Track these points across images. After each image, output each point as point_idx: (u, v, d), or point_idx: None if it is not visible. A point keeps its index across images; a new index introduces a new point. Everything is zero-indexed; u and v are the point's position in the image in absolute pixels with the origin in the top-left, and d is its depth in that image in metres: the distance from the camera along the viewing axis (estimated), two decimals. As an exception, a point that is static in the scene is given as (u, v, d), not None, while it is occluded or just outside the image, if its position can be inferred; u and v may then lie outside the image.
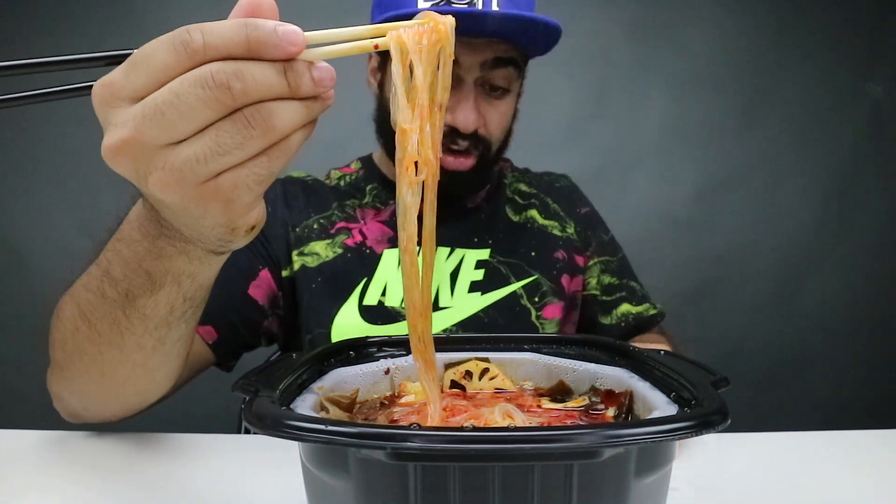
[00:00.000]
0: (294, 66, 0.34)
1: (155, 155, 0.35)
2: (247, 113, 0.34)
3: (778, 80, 1.92)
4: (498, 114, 0.87)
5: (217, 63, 0.33)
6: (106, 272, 0.52)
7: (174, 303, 0.51)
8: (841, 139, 1.94)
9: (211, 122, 0.34)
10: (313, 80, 0.35)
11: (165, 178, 0.35)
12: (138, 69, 0.34)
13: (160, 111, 0.33)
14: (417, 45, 0.37)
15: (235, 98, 0.33)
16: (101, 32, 1.76)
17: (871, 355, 1.96)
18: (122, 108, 0.35)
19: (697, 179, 1.93)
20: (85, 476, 0.61)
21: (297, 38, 0.34)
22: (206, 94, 0.33)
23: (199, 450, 0.67)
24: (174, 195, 0.36)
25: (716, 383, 0.38)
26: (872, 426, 0.74)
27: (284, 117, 0.35)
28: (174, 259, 0.47)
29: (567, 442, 0.30)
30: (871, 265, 1.96)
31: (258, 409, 0.33)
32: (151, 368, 0.58)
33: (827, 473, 0.63)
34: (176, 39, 0.33)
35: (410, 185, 0.38)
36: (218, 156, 0.34)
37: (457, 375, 0.51)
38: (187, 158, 0.34)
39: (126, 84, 0.34)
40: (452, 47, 0.38)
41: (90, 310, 0.54)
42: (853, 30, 1.91)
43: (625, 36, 1.88)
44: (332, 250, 0.89)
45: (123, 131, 0.34)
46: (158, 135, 0.34)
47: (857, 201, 1.95)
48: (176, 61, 0.33)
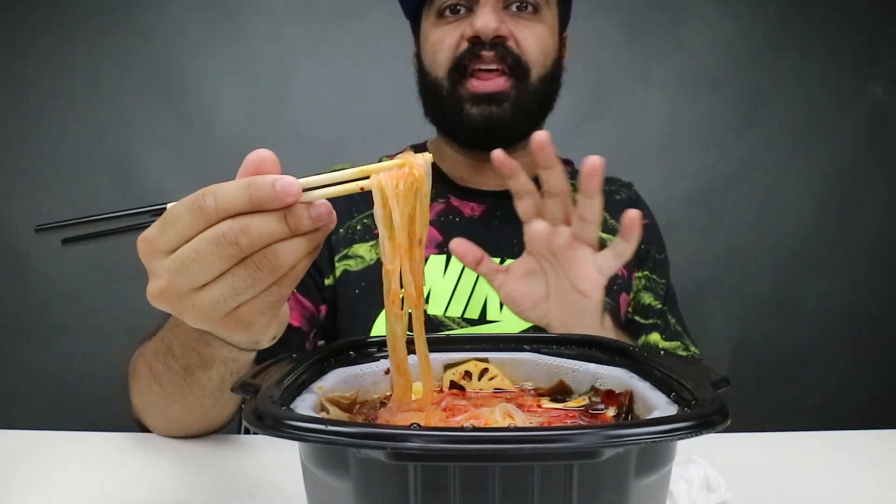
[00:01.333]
0: (293, 210, 0.40)
1: (185, 298, 0.42)
2: (255, 259, 0.40)
3: (778, 80, 1.92)
4: (530, 33, 0.83)
5: (227, 222, 0.40)
6: (168, 348, 0.61)
7: (224, 376, 0.59)
8: (841, 139, 1.94)
9: (227, 269, 0.40)
10: (311, 218, 0.40)
11: (195, 315, 0.42)
12: (167, 228, 0.41)
13: (185, 265, 0.40)
14: (395, 190, 0.42)
15: (243, 250, 0.40)
16: (99, 33, 1.76)
17: (870, 355, 1.96)
18: (159, 260, 0.42)
19: (697, 179, 1.92)
20: (85, 476, 0.61)
21: (292, 189, 0.39)
22: (219, 251, 0.39)
23: (199, 450, 0.67)
24: (204, 326, 0.44)
25: (716, 383, 0.38)
26: (872, 426, 0.74)
27: (288, 255, 0.41)
28: (219, 349, 0.55)
29: (567, 442, 0.30)
30: (871, 265, 1.96)
31: (258, 409, 0.33)
32: (212, 417, 0.68)
33: (827, 473, 0.63)
34: (194, 204, 0.40)
35: (397, 318, 0.43)
36: (234, 296, 0.41)
37: (456, 376, 0.51)
38: (210, 300, 0.41)
39: (160, 241, 0.42)
40: (428, 186, 0.43)
41: (159, 375, 0.63)
42: (853, 30, 1.91)
43: (625, 36, 1.88)
44: (375, 252, 0.87)
45: (161, 282, 0.42)
46: (185, 283, 0.41)
47: (857, 201, 1.95)
48: (195, 222, 0.40)
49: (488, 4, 0.81)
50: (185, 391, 0.62)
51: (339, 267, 0.87)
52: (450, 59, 0.83)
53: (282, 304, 0.44)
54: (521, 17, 0.83)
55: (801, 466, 0.65)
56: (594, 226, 0.65)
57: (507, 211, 0.89)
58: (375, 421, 0.44)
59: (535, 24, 0.84)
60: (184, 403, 0.64)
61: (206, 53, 1.77)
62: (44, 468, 0.63)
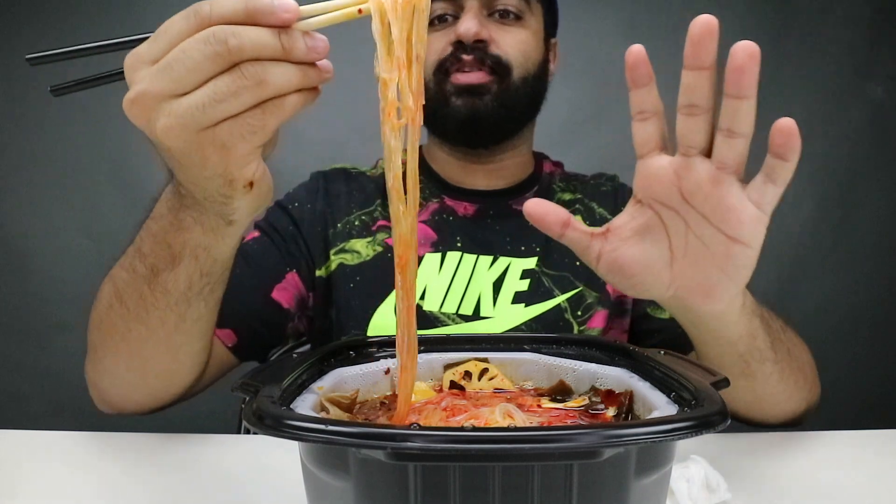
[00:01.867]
0: (289, 31, 0.39)
1: (162, 104, 0.40)
2: (242, 66, 0.39)
3: (778, 79, 1.92)
4: (511, 38, 0.86)
5: (219, 25, 0.39)
6: (138, 248, 0.58)
7: (192, 277, 0.57)
8: (841, 139, 1.94)
9: (212, 76, 0.39)
10: (307, 46, 0.40)
11: (170, 123, 0.41)
12: (158, 38, 0.41)
13: (169, 66, 0.39)
14: (393, 4, 0.42)
15: (231, 52, 0.38)
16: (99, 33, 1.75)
17: (870, 355, 1.96)
18: (143, 69, 0.41)
19: (697, 179, 1.92)
20: (85, 476, 0.61)
21: (290, 7, 0.39)
22: (207, 49, 0.38)
23: (199, 450, 0.67)
24: (177, 140, 0.41)
25: (716, 383, 0.38)
26: (872, 426, 0.74)
27: (277, 74, 0.39)
28: (191, 230, 0.53)
29: (567, 442, 0.30)
30: (871, 265, 1.96)
31: (258, 409, 0.33)
32: (174, 346, 0.63)
33: (826, 473, 0.63)
34: (189, 11, 0.40)
35: (393, 129, 0.42)
36: (215, 103, 0.39)
37: (456, 376, 0.51)
38: (189, 106, 0.40)
39: (148, 51, 0.41)
40: (427, 2, 0.42)
41: (123, 286, 0.60)
42: (853, 30, 1.91)
43: (624, 36, 1.88)
44: (372, 248, 0.88)
45: (140, 85, 0.41)
46: (166, 86, 0.40)
47: (857, 201, 1.95)
48: (187, 27, 0.39)
49: (471, 11, 0.85)
50: (147, 302, 0.58)
51: (334, 260, 0.88)
52: (434, 62, 0.86)
53: (265, 137, 0.42)
54: (504, 23, 0.86)
55: (801, 466, 0.65)
56: (745, 141, 0.50)
57: (500, 209, 0.93)
58: (376, 420, 0.44)
59: (518, 29, 0.87)
60: (146, 321, 0.60)
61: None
62: (44, 468, 0.63)
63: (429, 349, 0.52)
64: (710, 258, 0.51)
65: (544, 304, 0.87)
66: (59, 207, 1.77)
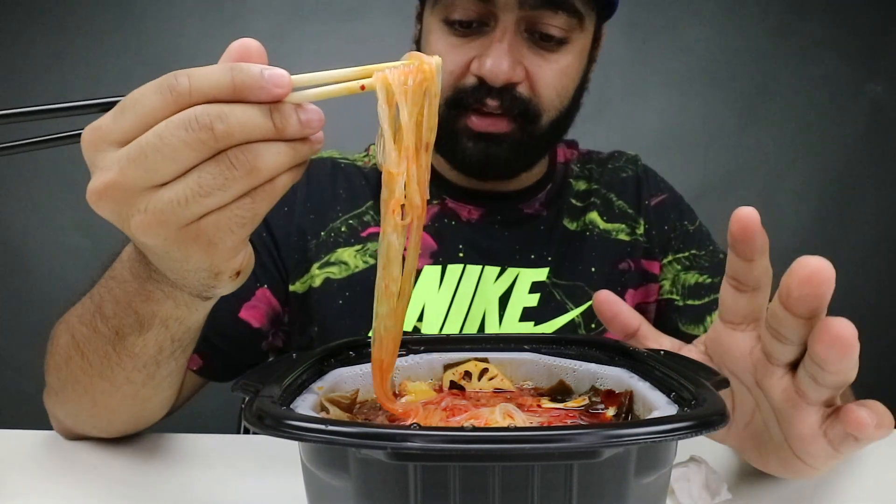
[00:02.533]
0: (281, 107, 0.35)
1: (137, 198, 0.35)
2: (230, 154, 0.34)
3: (778, 79, 1.92)
4: (551, 70, 0.71)
5: (202, 106, 0.34)
6: (98, 307, 0.52)
7: (162, 343, 0.52)
8: (841, 139, 1.94)
9: (194, 165, 0.34)
10: (300, 121, 0.35)
11: (147, 220, 0.35)
12: (126, 113, 0.35)
13: (144, 153, 0.34)
14: (402, 86, 0.37)
15: (218, 139, 0.33)
16: (102, 32, 1.76)
17: (870, 355, 1.95)
18: (109, 151, 0.35)
19: (697, 179, 1.92)
20: (84, 476, 0.61)
21: (283, 81, 0.35)
22: (189, 136, 0.33)
23: (198, 450, 0.67)
24: (156, 238, 0.36)
25: (716, 384, 0.38)
26: (872, 426, 0.74)
27: (269, 159, 0.35)
28: (161, 303, 0.47)
29: (567, 442, 0.30)
30: (871, 265, 1.96)
31: (258, 409, 0.33)
32: (142, 399, 0.59)
33: (826, 473, 0.63)
34: (163, 84, 0.34)
35: (396, 228, 0.38)
36: (200, 197, 0.34)
37: (455, 376, 0.51)
38: (169, 201, 0.34)
39: (114, 128, 0.35)
40: (438, 86, 0.38)
41: (83, 342, 0.55)
42: (853, 30, 1.91)
43: (624, 36, 1.88)
44: (362, 259, 0.78)
45: (108, 174, 0.35)
46: (141, 177, 0.34)
47: (857, 201, 1.95)
48: (162, 105, 0.34)
49: (505, 39, 0.68)
50: (112, 362, 0.53)
51: (318, 275, 0.77)
52: (451, 87, 0.72)
53: (254, 226, 0.37)
54: (543, 49, 0.70)
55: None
56: (830, 392, 0.41)
57: (508, 214, 0.82)
58: (376, 420, 0.44)
59: (559, 55, 0.71)
60: (110, 379, 0.54)
61: (206, 53, 1.77)
62: (43, 468, 0.63)
63: (429, 349, 0.51)
64: (771, 448, 0.46)
65: (556, 321, 0.78)
66: (59, 207, 1.77)
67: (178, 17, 1.77)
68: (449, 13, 0.71)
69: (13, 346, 1.78)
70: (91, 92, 0.51)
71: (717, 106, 1.92)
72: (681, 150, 1.92)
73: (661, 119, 1.91)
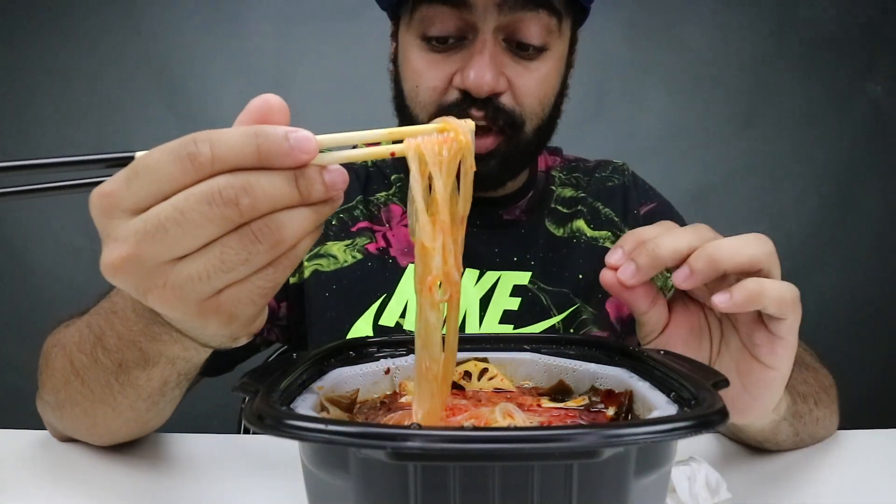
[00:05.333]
0: (305, 172, 0.33)
1: (155, 272, 0.33)
2: (254, 227, 0.32)
3: (778, 79, 1.92)
4: (532, 79, 0.70)
5: (225, 177, 0.32)
6: (99, 339, 0.51)
7: (167, 378, 0.51)
8: (840, 139, 1.94)
9: (216, 238, 0.32)
10: (325, 184, 0.34)
11: (166, 295, 0.34)
12: (141, 180, 0.32)
13: (163, 228, 0.32)
14: (437, 157, 0.36)
15: (243, 214, 0.32)
16: (102, 32, 1.76)
17: (870, 355, 1.96)
18: (122, 220, 0.33)
19: (697, 179, 1.93)
20: (84, 476, 0.61)
21: (309, 146, 0.33)
22: (212, 212, 0.31)
23: (198, 450, 0.67)
24: (175, 312, 0.35)
25: (716, 383, 0.38)
26: (872, 426, 0.74)
27: (293, 227, 0.33)
28: (169, 345, 0.46)
29: (567, 442, 0.30)
30: (871, 265, 1.96)
31: (258, 409, 0.33)
32: (144, 422, 0.59)
33: (827, 473, 0.63)
34: (182, 151, 0.32)
35: (433, 307, 0.37)
36: (222, 273, 0.33)
37: (456, 376, 0.51)
38: (189, 276, 0.33)
39: (127, 195, 0.33)
40: (473, 157, 0.37)
41: (83, 370, 0.53)
42: (853, 30, 1.91)
43: (624, 36, 1.88)
44: (350, 254, 0.78)
45: (124, 248, 0.33)
46: (160, 252, 0.32)
47: (857, 201, 1.95)
48: (182, 174, 0.32)
49: (486, 50, 0.67)
50: (115, 391, 0.52)
51: (308, 266, 0.78)
52: (434, 103, 0.71)
53: (274, 293, 0.36)
54: (523, 58, 0.70)
55: (801, 466, 0.65)
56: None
57: (488, 220, 0.81)
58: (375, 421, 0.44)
59: (540, 63, 0.71)
60: (112, 405, 0.53)
61: (206, 53, 1.77)
62: (43, 468, 0.63)
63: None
64: (740, 369, 0.50)
65: (537, 325, 0.78)
66: (59, 207, 1.77)
67: (178, 17, 1.77)
68: (426, 29, 0.70)
69: (13, 347, 1.78)
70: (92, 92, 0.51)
71: (716, 106, 1.92)
72: (681, 150, 1.92)
73: (660, 119, 1.91)
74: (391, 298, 0.77)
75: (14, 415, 1.68)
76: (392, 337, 0.52)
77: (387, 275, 0.78)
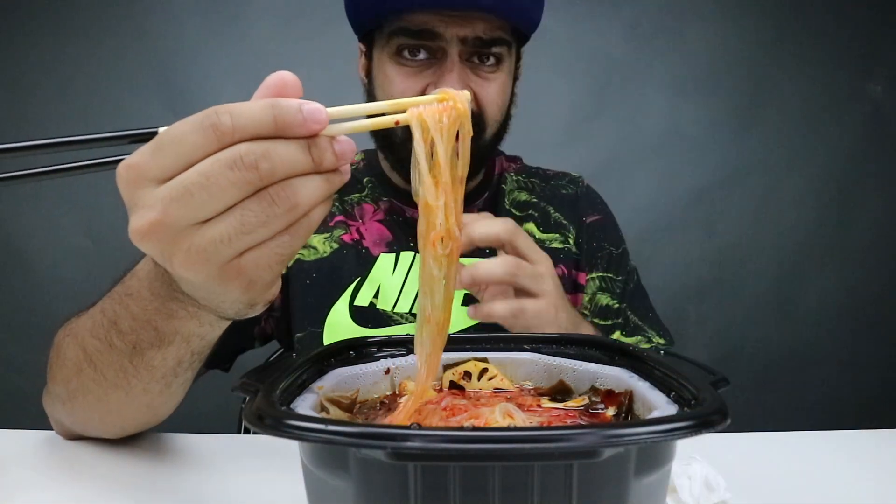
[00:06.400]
0: (317, 141, 0.36)
1: (181, 236, 0.35)
2: (272, 191, 0.35)
3: (777, 80, 1.92)
4: (491, 89, 0.82)
5: (246, 144, 0.34)
6: (113, 322, 0.53)
7: (182, 357, 0.53)
8: (840, 139, 1.94)
9: (237, 202, 0.35)
10: (335, 153, 0.36)
11: (191, 258, 0.36)
12: (166, 150, 0.35)
13: (188, 192, 0.34)
14: (438, 124, 0.39)
15: (263, 178, 0.34)
16: (102, 32, 1.76)
17: (870, 355, 1.96)
18: (149, 189, 0.35)
19: (697, 180, 1.93)
20: (85, 476, 0.61)
21: (320, 116, 0.35)
22: (235, 175, 0.34)
23: (198, 450, 0.67)
24: (198, 275, 0.37)
25: (716, 383, 0.38)
26: (872, 426, 0.74)
27: (307, 193, 0.36)
28: (185, 321, 0.48)
29: (567, 442, 0.30)
30: (871, 265, 1.96)
31: (258, 409, 0.33)
32: (156, 406, 0.60)
33: (827, 473, 0.63)
34: (205, 122, 0.34)
35: (436, 259, 0.40)
36: (243, 235, 0.35)
37: (455, 376, 0.51)
38: (212, 239, 0.35)
39: (153, 165, 0.35)
40: (470, 123, 0.40)
41: (96, 355, 0.55)
42: (853, 30, 1.91)
43: (625, 36, 1.88)
44: (329, 245, 0.87)
45: (151, 213, 0.35)
46: (185, 216, 0.35)
47: (857, 201, 1.95)
48: (205, 143, 0.34)
49: (455, 66, 0.78)
50: (129, 374, 0.54)
51: None
52: None
53: (290, 260, 0.38)
54: (483, 70, 0.81)
55: (801, 466, 0.65)
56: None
57: None
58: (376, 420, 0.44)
59: (496, 74, 0.82)
60: (126, 389, 0.55)
61: (206, 53, 1.78)
62: (43, 468, 0.63)
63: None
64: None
65: None
66: (59, 207, 1.77)
67: (179, 18, 1.77)
68: (401, 51, 0.81)
69: (14, 347, 1.78)
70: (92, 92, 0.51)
71: (717, 106, 1.92)
72: (681, 150, 1.92)
73: (660, 119, 1.91)
74: (364, 282, 0.86)
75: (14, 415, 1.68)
76: (392, 337, 0.52)
77: (360, 262, 0.87)
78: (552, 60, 1.80)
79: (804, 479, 0.61)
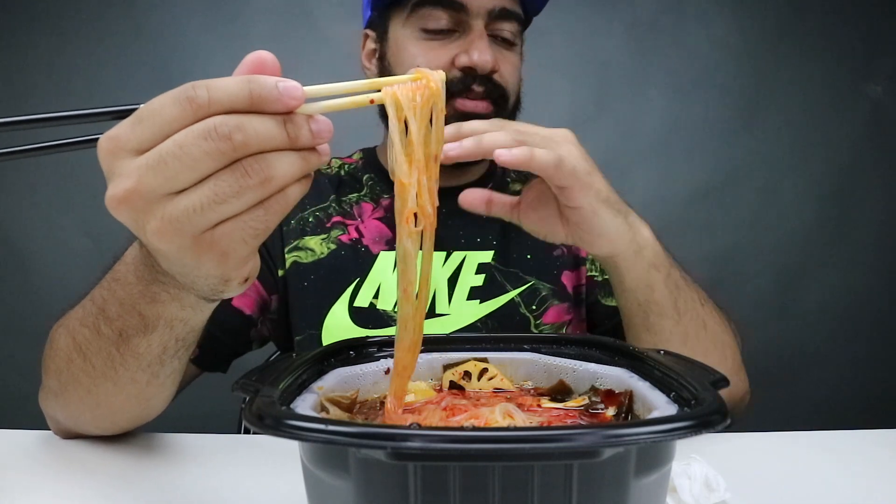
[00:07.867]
0: (293, 118, 0.36)
1: (155, 205, 0.36)
2: (245, 163, 0.35)
3: (778, 80, 1.92)
4: (510, 64, 0.86)
5: (220, 116, 0.35)
6: (101, 309, 0.54)
7: (167, 344, 0.53)
8: (841, 139, 1.94)
9: (211, 173, 0.35)
10: (311, 132, 0.37)
11: (163, 227, 0.36)
12: (144, 123, 0.36)
13: (163, 161, 0.35)
14: (412, 102, 0.39)
15: (236, 149, 0.35)
16: (102, 32, 1.76)
17: (870, 355, 1.96)
18: (127, 159, 0.36)
19: (697, 179, 1.92)
20: (84, 476, 0.61)
21: (296, 93, 0.36)
22: (208, 145, 0.34)
23: (198, 450, 0.67)
24: (171, 244, 0.37)
25: (716, 383, 0.38)
26: (872, 426, 0.74)
27: (281, 168, 0.36)
28: (167, 304, 0.49)
29: (567, 442, 0.30)
30: (871, 265, 1.96)
31: (258, 409, 0.33)
32: (146, 398, 0.61)
33: (827, 473, 0.63)
34: (181, 95, 0.35)
35: (410, 235, 0.40)
36: (215, 205, 0.36)
37: (455, 376, 0.51)
38: (185, 208, 0.36)
39: (132, 137, 0.36)
40: (444, 102, 0.40)
41: (85, 344, 0.56)
42: (852, 30, 1.91)
43: (625, 36, 1.88)
44: (326, 246, 0.87)
45: (127, 182, 0.36)
46: (160, 184, 0.35)
47: (857, 201, 1.95)
48: (181, 115, 0.35)
49: (482, 37, 0.82)
50: (116, 363, 0.54)
51: (288, 258, 0.86)
52: None
53: (265, 236, 0.39)
54: (503, 48, 0.85)
55: (801, 466, 0.65)
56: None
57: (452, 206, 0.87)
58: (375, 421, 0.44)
59: (512, 54, 0.87)
60: (114, 379, 0.56)
61: (206, 53, 1.77)
62: (43, 468, 0.63)
63: (429, 349, 0.52)
64: (568, 221, 0.67)
65: (498, 299, 0.87)
66: (59, 207, 1.77)
67: (179, 18, 1.77)
68: (425, 24, 0.83)
69: (13, 347, 1.78)
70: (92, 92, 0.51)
71: (717, 106, 1.92)
72: (681, 149, 1.92)
73: (661, 119, 1.91)
74: (364, 282, 0.86)
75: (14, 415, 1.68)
76: (392, 337, 0.52)
77: (359, 261, 0.86)
78: (552, 60, 1.79)
79: (804, 479, 0.61)
